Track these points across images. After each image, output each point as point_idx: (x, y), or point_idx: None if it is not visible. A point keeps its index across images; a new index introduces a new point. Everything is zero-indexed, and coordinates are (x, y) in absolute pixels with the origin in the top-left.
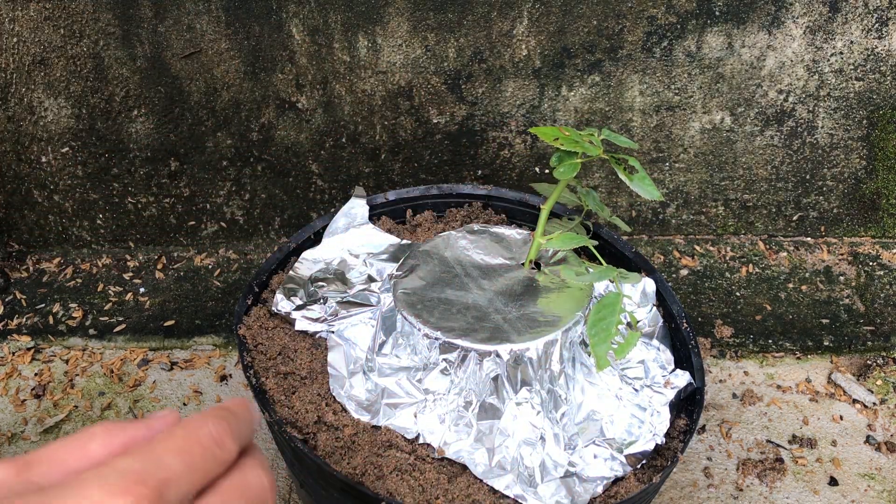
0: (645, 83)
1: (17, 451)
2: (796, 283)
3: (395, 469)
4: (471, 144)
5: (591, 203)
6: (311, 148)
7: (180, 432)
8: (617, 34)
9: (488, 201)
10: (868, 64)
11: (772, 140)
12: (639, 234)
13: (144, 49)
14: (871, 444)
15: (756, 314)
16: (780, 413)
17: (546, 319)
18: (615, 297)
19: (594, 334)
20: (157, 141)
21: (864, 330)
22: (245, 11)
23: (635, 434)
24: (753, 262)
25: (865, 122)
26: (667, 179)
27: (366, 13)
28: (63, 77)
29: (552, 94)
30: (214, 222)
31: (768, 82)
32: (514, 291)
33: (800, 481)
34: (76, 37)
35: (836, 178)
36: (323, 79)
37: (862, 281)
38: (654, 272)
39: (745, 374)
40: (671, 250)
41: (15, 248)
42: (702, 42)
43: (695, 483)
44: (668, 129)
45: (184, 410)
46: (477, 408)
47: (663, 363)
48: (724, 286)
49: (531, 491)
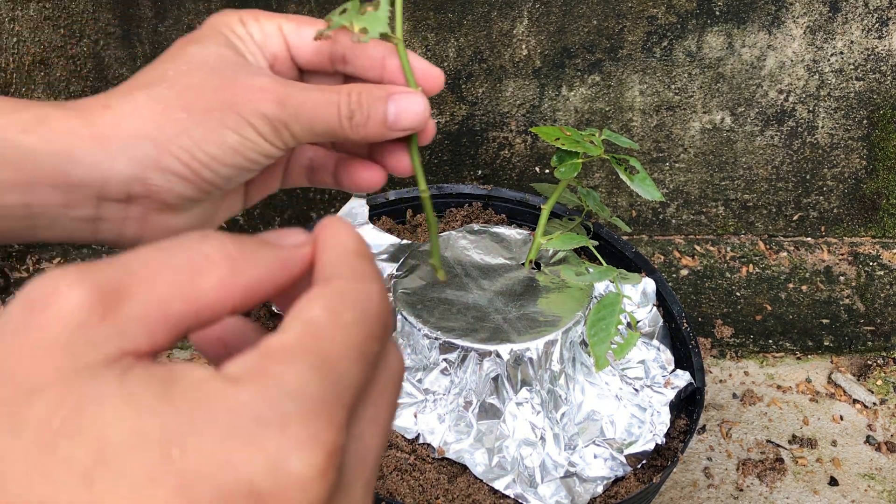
0: (645, 83)
1: None
2: (796, 283)
3: (395, 469)
4: (471, 144)
5: (592, 203)
6: None
7: (352, 328)
8: (617, 34)
9: (488, 201)
10: (868, 64)
11: (772, 140)
12: (639, 234)
13: (144, 49)
14: (871, 444)
15: (756, 314)
16: (781, 413)
17: (546, 319)
18: (615, 297)
19: (593, 334)
20: None
21: (865, 330)
22: None
23: (635, 434)
24: (754, 262)
25: (866, 122)
26: (667, 179)
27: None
28: (63, 77)
29: (552, 93)
30: None
31: (768, 82)
32: (514, 291)
33: (800, 481)
34: (76, 37)
35: (837, 178)
36: None
37: (862, 281)
38: (654, 272)
39: (746, 374)
40: (671, 250)
41: (15, 247)
42: (702, 42)
43: (695, 483)
44: (668, 129)
45: None
46: (477, 408)
47: (663, 363)
48: (725, 286)
49: (531, 491)
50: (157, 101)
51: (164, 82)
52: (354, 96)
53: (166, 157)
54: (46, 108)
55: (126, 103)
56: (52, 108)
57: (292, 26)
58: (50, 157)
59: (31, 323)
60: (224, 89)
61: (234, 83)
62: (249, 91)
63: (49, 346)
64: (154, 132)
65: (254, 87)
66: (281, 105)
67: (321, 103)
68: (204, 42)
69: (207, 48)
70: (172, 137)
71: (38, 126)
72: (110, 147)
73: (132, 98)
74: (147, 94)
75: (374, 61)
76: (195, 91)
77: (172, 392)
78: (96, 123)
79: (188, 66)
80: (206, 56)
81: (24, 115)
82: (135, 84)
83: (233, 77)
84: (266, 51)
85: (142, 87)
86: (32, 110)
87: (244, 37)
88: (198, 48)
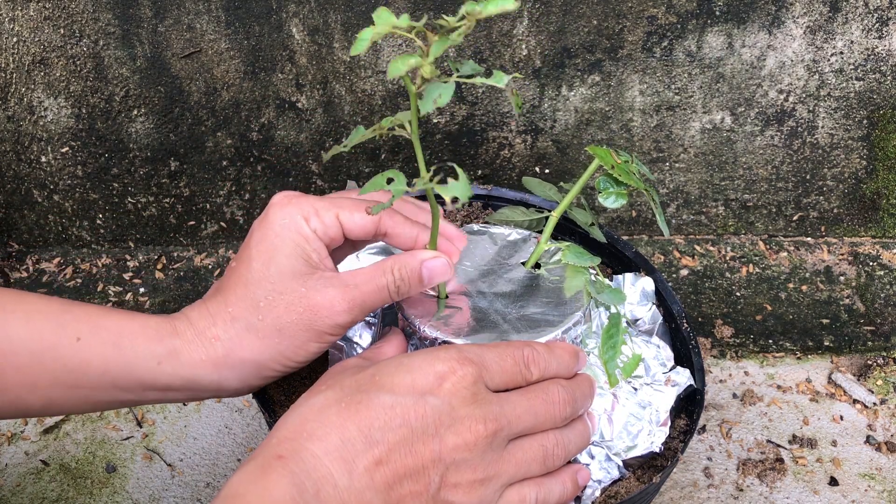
0: (645, 83)
1: (16, 450)
2: (796, 283)
3: None
4: (471, 144)
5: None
6: (311, 148)
7: (498, 347)
8: (617, 34)
9: (488, 201)
10: (868, 64)
11: (772, 140)
12: (639, 234)
13: (144, 49)
14: (871, 444)
15: (756, 314)
16: (781, 413)
17: (546, 319)
18: (617, 316)
19: (605, 351)
20: (156, 141)
21: (865, 330)
22: (245, 11)
23: (634, 434)
24: (754, 262)
25: (866, 122)
26: (667, 179)
27: (366, 13)
28: (63, 77)
29: (552, 93)
30: (214, 222)
31: (768, 82)
32: (514, 292)
33: (800, 481)
34: (76, 36)
35: (837, 178)
36: (323, 78)
37: (862, 281)
38: (654, 272)
39: (746, 374)
40: (671, 250)
41: (15, 248)
42: (702, 42)
43: (695, 483)
44: (668, 129)
45: (183, 410)
46: None
47: (663, 360)
48: (725, 286)
49: None
50: (254, 333)
51: (258, 313)
52: (397, 272)
53: (265, 371)
54: (175, 342)
55: (231, 336)
56: (180, 340)
57: (347, 214)
58: (180, 381)
59: None
60: (303, 313)
61: (311, 302)
62: (324, 310)
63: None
64: (256, 357)
65: (325, 305)
66: (349, 312)
67: (374, 290)
68: (278, 258)
69: (283, 265)
70: (269, 359)
71: (170, 359)
72: (223, 372)
73: (235, 332)
74: (245, 326)
75: (410, 238)
76: (283, 319)
77: (396, 360)
78: (210, 354)
79: (273, 293)
80: (284, 278)
81: (158, 349)
82: (234, 312)
83: (308, 295)
84: (326, 238)
85: (239, 317)
86: (165, 342)
87: (309, 237)
88: (276, 269)
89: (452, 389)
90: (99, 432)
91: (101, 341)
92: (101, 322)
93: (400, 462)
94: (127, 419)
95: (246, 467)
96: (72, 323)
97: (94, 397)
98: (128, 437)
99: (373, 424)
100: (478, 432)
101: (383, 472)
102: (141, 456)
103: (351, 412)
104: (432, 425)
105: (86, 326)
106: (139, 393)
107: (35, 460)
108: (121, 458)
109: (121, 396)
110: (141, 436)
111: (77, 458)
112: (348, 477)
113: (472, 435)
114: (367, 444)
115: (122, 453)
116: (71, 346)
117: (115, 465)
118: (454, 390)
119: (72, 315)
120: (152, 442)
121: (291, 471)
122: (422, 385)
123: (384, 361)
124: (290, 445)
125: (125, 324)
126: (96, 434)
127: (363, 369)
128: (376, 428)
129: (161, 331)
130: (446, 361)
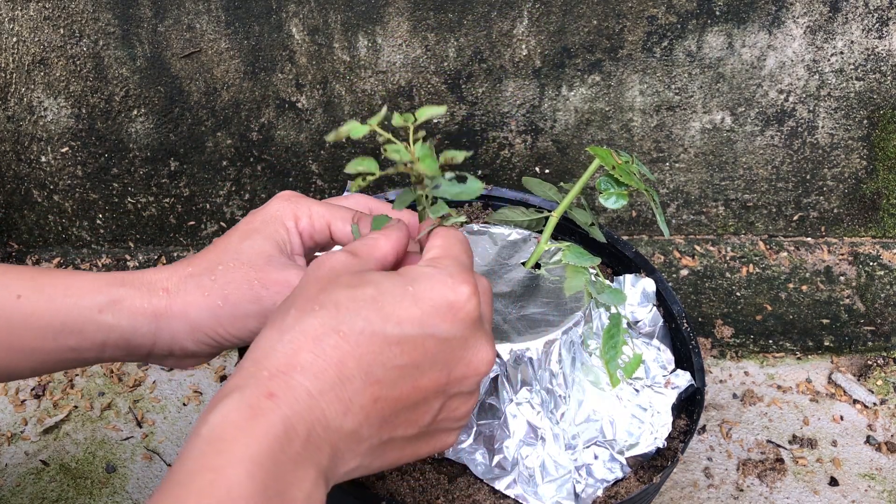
0: (645, 83)
1: (16, 450)
2: (797, 283)
3: (395, 469)
4: (471, 144)
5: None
6: (310, 148)
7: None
8: (617, 34)
9: (488, 201)
10: (868, 64)
11: (772, 140)
12: (639, 234)
13: (144, 49)
14: (871, 444)
15: (756, 314)
16: (781, 413)
17: (546, 319)
18: (617, 316)
19: (606, 351)
20: (156, 141)
21: (865, 330)
22: (245, 11)
23: (636, 434)
24: (754, 262)
25: (866, 122)
26: (667, 179)
27: (366, 13)
28: (63, 77)
29: (552, 93)
30: (214, 222)
31: (769, 82)
32: (513, 292)
33: (800, 481)
34: (76, 36)
35: (837, 178)
36: (323, 79)
37: (862, 281)
38: (654, 272)
39: (746, 375)
40: (671, 250)
41: (15, 248)
42: (702, 42)
43: (695, 483)
44: (668, 129)
45: (183, 410)
46: (477, 408)
47: (664, 363)
48: (725, 286)
49: (532, 491)
50: (202, 290)
51: (213, 274)
52: None
53: (198, 334)
54: (120, 291)
55: (179, 289)
56: (126, 289)
57: (339, 225)
58: (119, 331)
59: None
60: (255, 283)
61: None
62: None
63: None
64: (193, 315)
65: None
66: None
67: None
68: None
69: (255, 244)
70: (204, 322)
71: (112, 306)
72: (160, 324)
73: (185, 285)
74: (196, 283)
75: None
76: (234, 285)
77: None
78: (153, 304)
79: (236, 261)
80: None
81: (100, 298)
82: (193, 270)
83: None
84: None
85: (195, 275)
86: (109, 291)
87: (292, 231)
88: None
89: (465, 319)
90: (99, 432)
91: (46, 297)
92: (44, 280)
93: (400, 397)
94: (127, 419)
95: (232, 401)
96: (14, 282)
97: (37, 357)
98: (128, 437)
99: (374, 360)
100: (485, 360)
101: (380, 407)
102: (141, 456)
103: (351, 345)
104: (441, 360)
105: (28, 284)
106: (80, 349)
107: (35, 460)
108: (121, 458)
109: (64, 355)
110: (141, 436)
111: (77, 458)
112: (342, 417)
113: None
114: (367, 382)
115: (122, 453)
116: (12, 304)
117: (115, 465)
118: (466, 320)
119: (12, 275)
120: (152, 442)
121: (284, 414)
122: (431, 319)
123: (387, 283)
124: (283, 381)
125: (72, 281)
126: (96, 434)
127: (360, 282)
128: (378, 364)
129: (109, 282)
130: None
